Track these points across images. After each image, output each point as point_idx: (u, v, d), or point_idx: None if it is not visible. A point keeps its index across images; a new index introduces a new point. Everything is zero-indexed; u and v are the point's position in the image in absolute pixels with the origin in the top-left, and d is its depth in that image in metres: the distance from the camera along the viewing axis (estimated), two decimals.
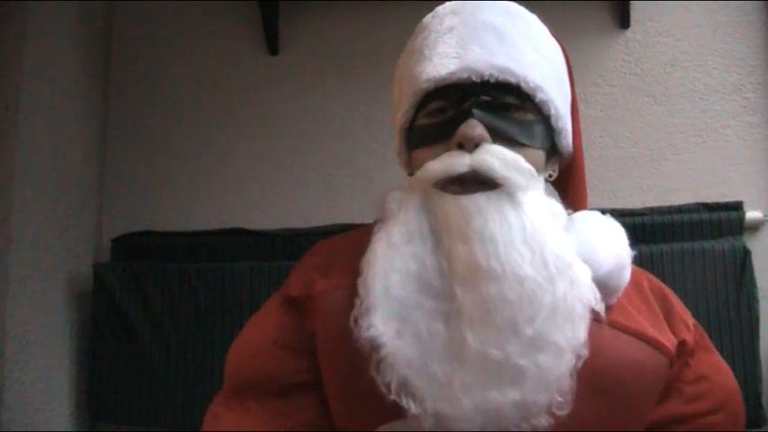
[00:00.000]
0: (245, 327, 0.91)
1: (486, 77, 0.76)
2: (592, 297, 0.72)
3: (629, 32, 1.86)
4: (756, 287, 1.61)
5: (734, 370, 1.53)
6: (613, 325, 0.76)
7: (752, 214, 1.70)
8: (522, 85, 0.77)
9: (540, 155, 0.80)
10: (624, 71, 1.85)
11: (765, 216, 1.72)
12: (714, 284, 1.61)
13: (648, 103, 1.83)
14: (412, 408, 0.70)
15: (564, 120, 0.82)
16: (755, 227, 1.71)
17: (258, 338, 0.87)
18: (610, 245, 0.79)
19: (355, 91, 1.89)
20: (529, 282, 0.69)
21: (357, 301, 0.74)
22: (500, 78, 0.76)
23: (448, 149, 0.76)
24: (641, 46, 1.85)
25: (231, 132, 1.98)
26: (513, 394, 0.68)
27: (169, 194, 1.98)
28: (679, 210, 1.70)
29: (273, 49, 1.97)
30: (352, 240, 0.85)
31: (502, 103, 0.77)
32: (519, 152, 0.76)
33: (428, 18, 0.85)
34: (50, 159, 1.74)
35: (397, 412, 0.72)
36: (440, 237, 0.74)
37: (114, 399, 1.78)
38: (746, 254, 1.62)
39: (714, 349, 0.89)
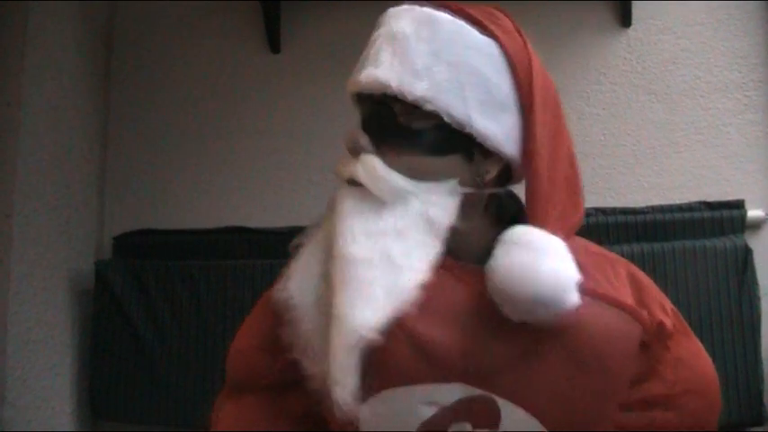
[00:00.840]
0: (240, 327, 0.98)
1: (365, 90, 0.82)
2: (410, 292, 0.77)
3: (630, 31, 1.86)
4: (758, 285, 1.61)
5: (735, 368, 1.56)
6: (586, 292, 0.78)
7: (753, 212, 1.70)
8: (400, 97, 0.79)
9: (439, 164, 0.82)
10: (626, 69, 1.85)
11: (767, 214, 1.72)
12: (716, 283, 1.61)
13: (650, 101, 1.83)
14: (308, 367, 0.79)
15: (476, 125, 0.81)
16: (757, 225, 1.71)
17: (244, 341, 0.96)
18: (525, 284, 0.76)
19: None
20: (374, 263, 0.77)
21: (284, 270, 0.85)
22: (381, 91, 0.80)
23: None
24: (643, 44, 1.85)
25: (233, 130, 1.98)
26: (365, 312, 0.75)
27: (171, 192, 1.98)
28: (680, 208, 1.71)
29: (275, 47, 1.97)
30: None
31: (391, 115, 0.82)
32: (404, 158, 0.81)
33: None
34: (52, 157, 1.74)
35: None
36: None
37: (116, 396, 1.78)
38: (748, 252, 1.62)
39: (694, 336, 0.91)
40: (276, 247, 1.81)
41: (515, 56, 0.84)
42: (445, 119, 0.80)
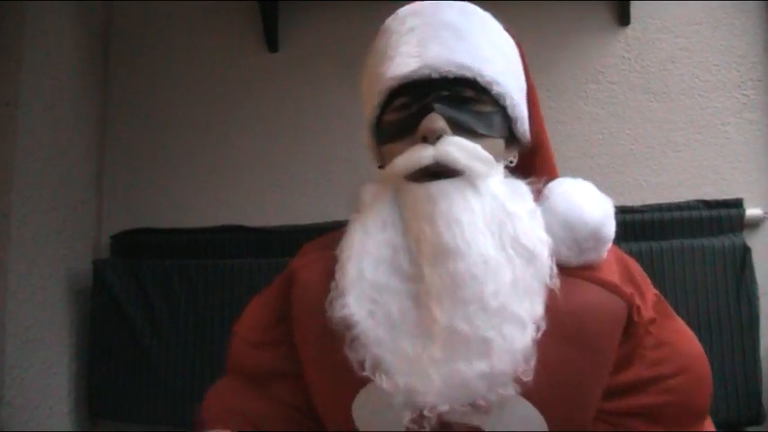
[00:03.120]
0: (245, 309, 1.03)
1: (445, 73, 0.81)
2: (547, 275, 0.77)
3: (628, 30, 1.85)
4: (756, 284, 1.61)
5: (733, 367, 1.56)
6: (572, 274, 0.81)
7: (752, 211, 1.70)
8: (479, 78, 0.82)
9: (499, 143, 0.85)
10: (624, 68, 1.85)
11: (765, 213, 1.72)
12: (714, 281, 1.61)
13: (648, 100, 1.83)
14: (384, 383, 0.75)
15: (520, 108, 0.87)
16: (755, 224, 1.71)
17: (238, 335, 0.99)
18: (592, 200, 0.85)
19: (354, 88, 1.87)
20: (491, 260, 0.75)
21: (333, 284, 0.80)
22: (458, 74, 0.81)
23: (413, 143, 0.81)
24: (641, 43, 1.85)
25: (230, 129, 1.98)
26: (480, 365, 0.72)
27: (168, 191, 1.98)
28: (679, 207, 1.71)
29: (273, 46, 1.97)
30: (334, 238, 0.90)
31: (461, 97, 0.82)
32: (478, 142, 0.81)
33: (390, 20, 0.91)
34: (50, 156, 1.74)
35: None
36: (409, 223, 0.80)
37: (114, 395, 1.78)
38: (746, 251, 1.62)
39: (676, 315, 0.92)
40: (274, 245, 1.81)
41: (522, 52, 0.92)
42: (508, 103, 0.84)
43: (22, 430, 1.58)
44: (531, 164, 0.93)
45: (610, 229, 0.84)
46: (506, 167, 0.88)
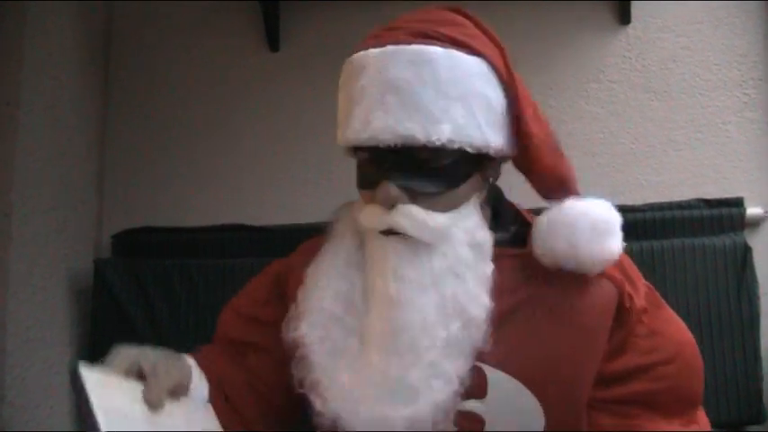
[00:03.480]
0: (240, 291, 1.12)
1: (390, 144, 0.82)
2: (481, 339, 0.81)
3: (629, 29, 1.85)
4: (757, 283, 1.61)
5: (734, 366, 1.56)
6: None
7: (752, 210, 1.70)
8: (429, 144, 0.81)
9: (467, 185, 0.87)
10: (625, 67, 1.85)
11: (766, 212, 1.72)
12: (715, 281, 1.61)
13: (649, 99, 1.83)
14: (317, 405, 0.83)
15: (486, 143, 0.85)
16: (756, 223, 1.71)
17: (231, 306, 1.10)
18: (593, 244, 0.85)
19: None
20: (429, 318, 0.80)
21: (292, 306, 0.89)
22: (406, 143, 0.81)
23: (374, 200, 0.86)
24: (642, 42, 1.85)
25: (231, 129, 1.98)
26: (405, 411, 0.78)
27: (169, 190, 1.98)
28: (679, 206, 1.70)
29: (274, 45, 1.97)
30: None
31: (415, 161, 0.83)
32: (438, 200, 0.84)
33: (347, 64, 0.91)
34: (50, 156, 1.74)
35: None
36: (365, 267, 0.87)
37: None
38: (747, 250, 1.62)
39: (667, 306, 0.95)
40: (275, 245, 1.81)
41: (498, 64, 0.88)
42: (468, 151, 0.84)
43: (22, 430, 1.58)
44: (528, 165, 0.93)
45: (601, 266, 0.87)
46: (491, 184, 0.94)
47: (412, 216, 0.83)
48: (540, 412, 0.84)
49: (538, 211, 0.94)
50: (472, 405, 0.82)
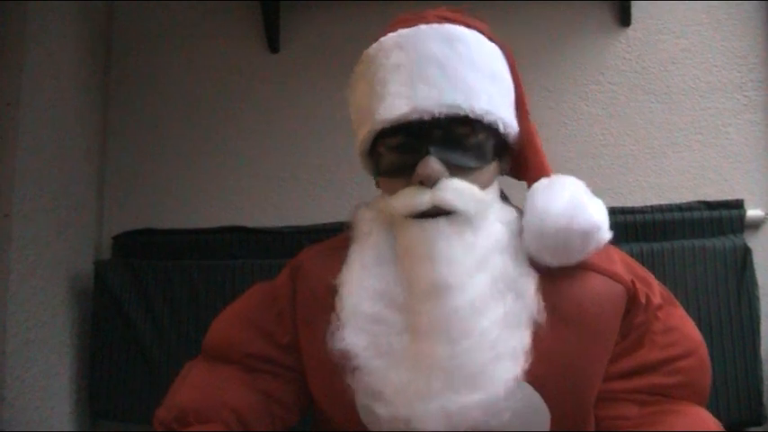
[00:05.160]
0: (225, 308, 1.07)
1: (437, 115, 0.82)
2: (535, 310, 0.81)
3: (629, 30, 1.85)
4: (757, 285, 1.61)
5: (734, 368, 1.56)
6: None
7: (753, 212, 1.70)
8: (471, 114, 0.83)
9: (494, 167, 0.89)
10: (625, 69, 1.85)
11: (766, 214, 1.72)
12: (715, 283, 1.61)
13: (649, 100, 1.83)
14: (382, 412, 0.79)
15: (511, 124, 0.89)
16: (756, 225, 1.71)
17: (227, 318, 1.04)
18: (558, 207, 0.85)
19: None
20: (484, 297, 0.79)
21: (333, 316, 0.84)
22: (450, 113, 0.82)
23: (409, 183, 0.84)
24: (642, 44, 1.85)
25: (232, 130, 1.98)
26: (475, 396, 0.76)
27: (170, 192, 1.98)
28: (679, 208, 1.70)
29: (274, 47, 1.97)
30: (333, 245, 0.97)
31: (454, 135, 0.84)
32: (474, 175, 0.84)
33: (374, 50, 0.91)
34: (51, 157, 1.74)
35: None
36: (402, 259, 0.84)
37: (115, 396, 1.78)
38: (747, 252, 1.62)
39: (679, 305, 0.96)
40: (275, 246, 1.81)
41: (510, 57, 0.93)
42: (500, 128, 0.86)
43: (22, 430, 1.58)
44: (524, 160, 0.96)
45: (580, 222, 0.85)
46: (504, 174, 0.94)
47: (458, 189, 0.82)
48: (545, 412, 0.84)
49: None
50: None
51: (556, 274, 0.85)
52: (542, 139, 0.99)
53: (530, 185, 0.92)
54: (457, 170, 0.84)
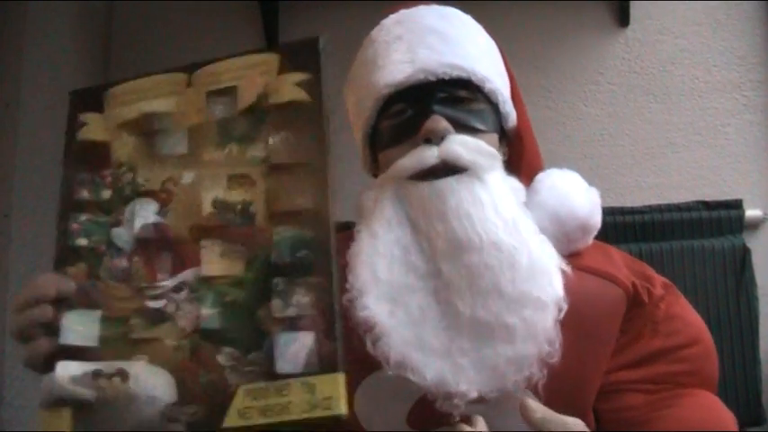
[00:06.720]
0: None
1: (440, 75, 0.83)
2: (560, 252, 0.80)
3: (628, 30, 1.86)
4: (756, 285, 1.61)
5: (733, 368, 1.56)
6: (570, 265, 0.83)
7: (752, 212, 1.70)
8: (473, 77, 0.84)
9: (495, 138, 0.88)
10: (624, 69, 1.85)
11: (765, 214, 1.72)
12: (714, 283, 1.61)
13: (648, 101, 1.83)
14: (414, 379, 0.75)
15: (509, 104, 0.90)
16: (755, 225, 1.72)
17: None
18: (580, 192, 0.89)
19: None
20: (506, 247, 0.77)
21: (347, 286, 0.79)
22: (452, 74, 0.83)
23: (414, 146, 0.83)
24: (641, 44, 1.85)
25: None
26: (506, 351, 0.74)
27: None
28: (679, 208, 1.71)
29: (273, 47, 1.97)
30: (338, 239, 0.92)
31: (457, 97, 0.85)
32: (478, 138, 0.83)
33: (375, 31, 0.94)
34: (50, 157, 1.74)
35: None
36: (416, 222, 0.81)
37: None
38: (746, 252, 1.62)
39: (682, 295, 0.96)
40: None
41: (501, 51, 0.94)
42: (499, 99, 0.87)
43: (22, 430, 1.58)
44: (518, 156, 0.96)
45: (597, 218, 0.89)
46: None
47: (465, 142, 0.81)
48: None
49: None
50: (473, 407, 0.81)
51: None
52: (541, 139, 1.00)
53: (524, 178, 0.91)
54: (461, 129, 0.83)
